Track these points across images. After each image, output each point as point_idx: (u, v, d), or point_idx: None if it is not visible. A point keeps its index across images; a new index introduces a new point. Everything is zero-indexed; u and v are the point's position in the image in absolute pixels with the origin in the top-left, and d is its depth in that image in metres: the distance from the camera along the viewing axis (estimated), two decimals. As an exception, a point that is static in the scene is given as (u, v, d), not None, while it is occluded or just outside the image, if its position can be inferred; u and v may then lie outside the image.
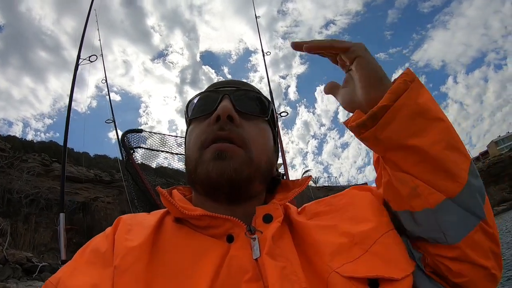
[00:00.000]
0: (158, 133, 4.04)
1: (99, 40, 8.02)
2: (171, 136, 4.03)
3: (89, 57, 5.86)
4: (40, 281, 9.59)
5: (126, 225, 0.64)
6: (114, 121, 6.42)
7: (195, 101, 0.73)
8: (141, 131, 4.01)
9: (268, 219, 0.62)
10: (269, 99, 0.75)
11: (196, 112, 0.71)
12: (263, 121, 0.72)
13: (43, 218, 14.82)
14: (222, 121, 0.65)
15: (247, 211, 0.64)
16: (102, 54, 7.85)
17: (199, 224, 0.62)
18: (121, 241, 0.59)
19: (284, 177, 0.81)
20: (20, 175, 15.99)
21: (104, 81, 8.54)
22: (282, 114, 6.17)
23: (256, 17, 8.12)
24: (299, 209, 0.75)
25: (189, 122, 0.75)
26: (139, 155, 4.10)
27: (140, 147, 3.98)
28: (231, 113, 0.65)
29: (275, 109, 0.77)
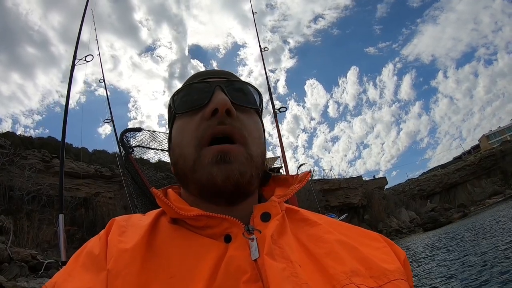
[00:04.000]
0: (157, 132, 3.97)
1: (96, 39, 7.97)
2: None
3: (85, 57, 5.80)
4: (48, 278, 9.68)
5: (120, 226, 0.62)
6: (112, 120, 6.39)
7: (182, 93, 0.68)
8: (140, 129, 3.94)
9: (266, 217, 0.60)
10: (258, 89, 0.71)
11: (185, 105, 0.65)
12: (255, 113, 0.70)
13: (45, 215, 14.93)
14: (220, 114, 0.60)
15: (244, 209, 0.62)
16: (99, 54, 7.82)
17: (195, 225, 0.59)
18: (114, 243, 0.57)
19: (281, 170, 0.76)
20: (20, 172, 16.05)
21: (101, 81, 8.52)
22: (281, 110, 6.13)
23: (253, 13, 8.08)
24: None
25: (175, 117, 0.69)
26: (137, 151, 4.05)
27: (139, 146, 3.91)
28: (229, 107, 0.61)
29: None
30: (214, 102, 0.61)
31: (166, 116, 0.76)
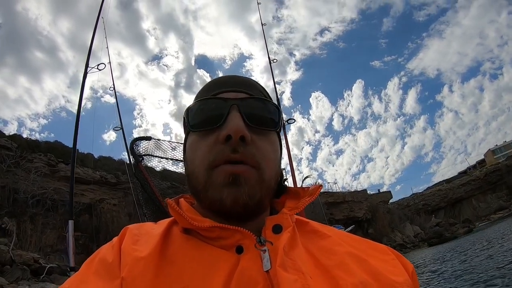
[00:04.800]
0: (167, 141, 3.99)
1: (107, 47, 8.05)
2: (180, 143, 3.97)
3: (98, 65, 5.85)
4: (50, 282, 9.66)
5: (133, 235, 0.62)
6: (122, 128, 6.43)
7: (196, 107, 0.66)
8: (150, 138, 3.96)
9: (278, 229, 0.60)
10: (277, 106, 0.69)
11: (200, 123, 0.64)
12: (274, 133, 0.67)
13: (49, 219, 14.91)
14: (234, 142, 0.59)
15: (256, 223, 0.62)
16: (110, 62, 7.90)
17: (208, 235, 0.60)
18: (128, 251, 0.58)
19: (286, 182, 0.76)
20: (26, 175, 16.09)
21: (111, 89, 8.59)
22: (290, 121, 6.13)
23: (262, 24, 8.15)
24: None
25: (189, 131, 0.67)
26: (145, 159, 4.07)
27: (149, 155, 3.93)
28: (244, 133, 0.59)
29: (282, 118, 0.71)
30: (228, 128, 0.59)
31: (171, 125, 0.76)
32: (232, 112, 0.61)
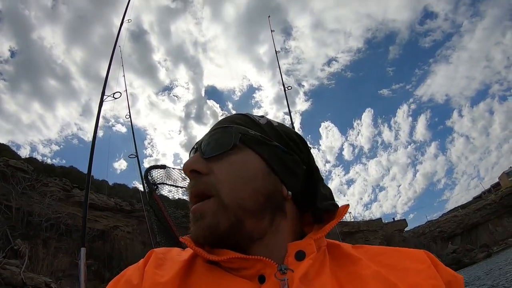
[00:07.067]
0: (177, 169, 4.04)
1: (123, 76, 8.27)
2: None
3: (113, 94, 6.00)
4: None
5: (158, 259, 0.63)
6: (137, 156, 6.54)
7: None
8: (164, 167, 4.02)
9: (301, 256, 0.59)
10: (244, 121, 0.69)
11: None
12: (239, 151, 0.63)
13: (62, 243, 14.92)
14: (188, 177, 0.64)
15: (271, 249, 0.60)
16: (126, 91, 8.10)
17: (231, 266, 0.59)
18: (150, 275, 0.58)
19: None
20: (41, 198, 16.23)
21: (128, 117, 8.78)
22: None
23: (276, 52, 8.33)
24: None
25: None
26: (160, 188, 4.10)
27: (164, 184, 3.97)
28: (193, 167, 0.63)
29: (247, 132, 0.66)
30: (182, 168, 0.64)
31: (181, 155, 0.80)
32: (191, 154, 0.67)
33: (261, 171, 0.63)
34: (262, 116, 0.73)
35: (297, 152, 0.69)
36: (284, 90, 7.70)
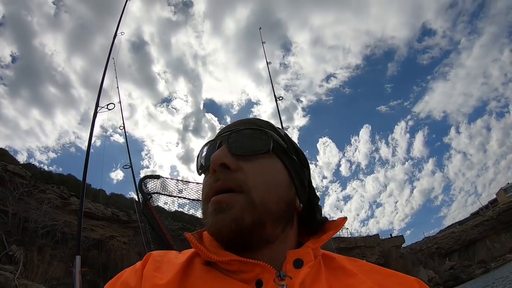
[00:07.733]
0: (176, 179, 4.10)
1: (117, 87, 8.36)
2: (190, 182, 4.08)
3: (107, 105, 6.08)
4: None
5: (156, 261, 0.64)
6: (131, 167, 6.60)
7: (198, 152, 0.73)
8: (158, 177, 4.08)
9: (299, 264, 0.60)
10: (272, 128, 0.72)
11: (200, 164, 0.71)
12: (269, 157, 0.66)
13: (57, 251, 14.78)
14: (212, 172, 0.63)
15: (272, 255, 0.62)
16: (120, 102, 8.18)
17: (229, 268, 0.60)
18: (149, 277, 0.59)
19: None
20: (37, 205, 16.12)
21: (122, 128, 8.86)
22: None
23: (267, 63, 8.48)
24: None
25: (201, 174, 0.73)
26: (154, 198, 4.15)
27: (157, 193, 4.03)
28: (224, 160, 0.62)
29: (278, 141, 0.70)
30: (211, 161, 0.63)
31: (178, 168, 0.84)
32: (220, 147, 0.66)
33: (286, 180, 0.67)
34: (280, 128, 0.77)
35: (307, 167, 0.75)
36: (276, 100, 7.82)
